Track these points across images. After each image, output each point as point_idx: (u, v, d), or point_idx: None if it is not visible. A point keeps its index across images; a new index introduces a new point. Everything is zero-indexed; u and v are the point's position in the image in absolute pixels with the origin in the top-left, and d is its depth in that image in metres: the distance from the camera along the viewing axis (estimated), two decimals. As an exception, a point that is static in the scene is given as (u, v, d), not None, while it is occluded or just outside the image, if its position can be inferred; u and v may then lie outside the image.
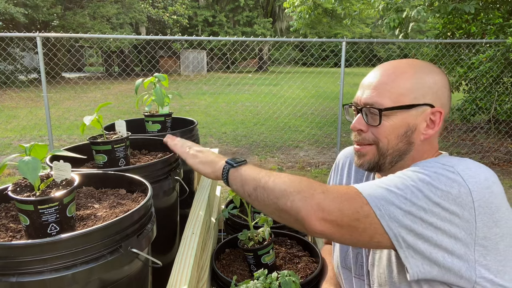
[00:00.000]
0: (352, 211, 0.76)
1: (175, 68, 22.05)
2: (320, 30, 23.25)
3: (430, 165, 0.82)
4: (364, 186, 0.81)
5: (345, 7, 8.93)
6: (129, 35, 15.19)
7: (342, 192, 0.79)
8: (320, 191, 0.78)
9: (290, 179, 0.84)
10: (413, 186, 0.77)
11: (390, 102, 0.91)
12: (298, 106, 9.51)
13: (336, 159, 1.27)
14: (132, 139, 1.33)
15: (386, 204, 0.76)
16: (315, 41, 5.43)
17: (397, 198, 0.77)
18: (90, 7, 18.43)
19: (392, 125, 0.91)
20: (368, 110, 0.93)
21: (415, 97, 0.91)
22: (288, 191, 0.80)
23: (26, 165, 0.75)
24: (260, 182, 0.86)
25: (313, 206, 0.76)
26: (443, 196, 0.75)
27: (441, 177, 0.78)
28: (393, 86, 0.92)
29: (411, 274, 0.77)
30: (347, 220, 0.76)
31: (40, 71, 4.61)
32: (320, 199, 0.77)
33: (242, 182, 0.91)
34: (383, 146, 0.94)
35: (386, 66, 0.97)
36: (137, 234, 0.82)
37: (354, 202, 0.77)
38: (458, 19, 6.77)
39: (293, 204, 0.78)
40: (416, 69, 0.94)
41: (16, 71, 15.99)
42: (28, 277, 0.66)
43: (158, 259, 0.89)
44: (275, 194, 0.82)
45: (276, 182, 0.84)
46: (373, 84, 0.94)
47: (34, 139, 6.88)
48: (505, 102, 6.42)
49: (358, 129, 0.97)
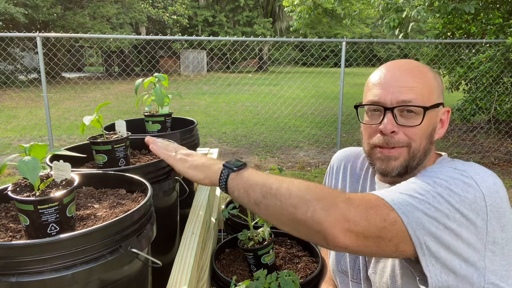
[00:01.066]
0: (379, 220, 0.70)
1: (175, 68, 22.04)
2: (320, 30, 23.24)
3: (444, 170, 0.81)
4: (384, 193, 0.76)
5: (345, 7, 8.93)
6: (129, 35, 15.20)
7: (366, 200, 0.74)
8: (342, 199, 0.71)
9: (306, 185, 0.75)
10: (433, 191, 0.75)
11: (427, 101, 0.88)
12: (298, 106, 9.51)
13: (331, 162, 1.23)
14: (132, 139, 1.33)
15: (412, 210, 0.72)
16: (315, 41, 5.43)
17: (420, 203, 0.73)
18: (90, 7, 18.43)
19: (425, 124, 0.89)
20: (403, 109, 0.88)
21: (438, 96, 0.92)
22: (306, 199, 0.71)
23: (26, 165, 0.75)
24: (270, 189, 0.76)
25: (337, 217, 0.69)
26: (460, 201, 0.74)
27: (458, 182, 0.76)
28: (425, 84, 0.89)
29: (431, 283, 0.74)
30: (374, 230, 0.70)
31: (40, 71, 4.61)
32: (345, 208, 0.70)
33: (246, 189, 0.80)
34: (416, 147, 0.90)
35: (403, 64, 0.93)
36: (137, 234, 0.82)
37: (380, 210, 0.72)
38: (458, 19, 6.77)
39: (314, 214, 0.69)
40: (428, 69, 0.94)
41: (16, 71, 15.99)
42: (28, 277, 0.66)
43: (158, 259, 0.89)
44: (291, 202, 0.72)
45: (291, 188, 0.74)
46: (404, 82, 0.89)
47: (34, 139, 6.88)
48: (505, 102, 6.42)
49: (392, 131, 0.89)
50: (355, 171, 1.13)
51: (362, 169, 1.12)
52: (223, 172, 0.85)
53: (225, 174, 0.84)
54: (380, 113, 0.91)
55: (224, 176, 0.84)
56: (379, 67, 0.98)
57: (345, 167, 1.16)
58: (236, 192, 0.82)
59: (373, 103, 0.92)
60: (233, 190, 0.83)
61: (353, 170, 1.14)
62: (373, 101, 0.91)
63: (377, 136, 0.92)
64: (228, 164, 0.86)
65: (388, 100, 0.89)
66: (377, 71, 0.95)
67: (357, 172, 1.13)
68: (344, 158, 1.18)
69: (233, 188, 0.83)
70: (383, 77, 0.92)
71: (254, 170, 0.85)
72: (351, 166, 1.15)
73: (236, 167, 0.84)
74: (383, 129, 0.89)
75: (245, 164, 0.86)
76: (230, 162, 0.87)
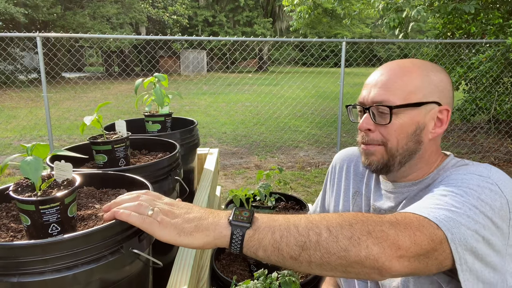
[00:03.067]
0: (427, 241, 0.68)
1: (175, 68, 22.03)
2: (320, 30, 23.25)
3: (469, 178, 0.80)
4: (423, 210, 0.73)
5: (345, 7, 8.92)
6: (129, 35, 15.19)
7: (408, 221, 0.69)
8: (388, 225, 0.67)
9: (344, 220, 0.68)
10: (468, 203, 0.74)
11: (400, 100, 0.89)
12: (298, 106, 9.51)
13: (332, 162, 1.24)
14: (132, 139, 1.33)
15: (456, 226, 0.70)
16: (315, 41, 5.43)
17: (461, 217, 0.71)
18: (90, 7, 18.43)
19: (402, 124, 0.89)
20: (377, 108, 0.91)
21: (424, 95, 0.90)
22: (356, 237, 0.65)
23: (28, 165, 0.75)
24: (309, 237, 0.66)
25: (390, 247, 0.65)
26: (491, 210, 0.74)
27: (486, 190, 0.76)
28: (402, 84, 0.90)
29: None
30: (424, 252, 0.67)
31: (40, 71, 4.61)
32: (394, 236, 0.66)
33: (275, 244, 0.66)
34: (392, 146, 0.91)
35: (392, 65, 0.95)
36: (138, 235, 0.82)
37: (426, 230, 0.69)
38: (458, 19, 6.77)
39: (369, 252, 0.64)
40: (422, 67, 0.93)
41: (16, 71, 15.99)
42: (29, 278, 0.66)
43: (159, 259, 0.89)
44: (340, 246, 0.65)
45: (333, 230, 0.66)
46: (380, 82, 0.92)
47: (34, 139, 6.88)
48: (505, 102, 6.42)
49: (366, 129, 0.93)
50: (358, 170, 1.14)
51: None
52: (236, 233, 0.68)
53: (239, 235, 0.68)
54: (361, 111, 0.97)
55: (238, 238, 0.68)
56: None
57: (348, 166, 1.17)
58: (262, 252, 0.67)
59: (358, 103, 0.98)
60: (254, 250, 0.68)
61: (356, 169, 1.15)
62: (358, 101, 0.97)
63: (360, 134, 0.97)
64: (236, 219, 0.69)
65: (366, 100, 0.93)
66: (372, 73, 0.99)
67: (360, 171, 1.14)
68: (347, 158, 1.18)
69: (254, 248, 0.68)
70: (370, 78, 0.96)
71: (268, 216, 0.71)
72: (354, 165, 1.16)
73: (249, 221, 0.69)
74: (359, 127, 0.95)
75: (253, 211, 0.72)
76: (237, 215, 0.70)
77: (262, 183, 1.85)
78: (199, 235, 0.69)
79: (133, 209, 0.73)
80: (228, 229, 0.69)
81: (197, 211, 0.72)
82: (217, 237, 0.69)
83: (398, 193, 0.98)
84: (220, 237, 0.69)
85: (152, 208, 0.72)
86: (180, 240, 0.69)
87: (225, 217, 0.71)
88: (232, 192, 1.78)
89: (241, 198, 1.76)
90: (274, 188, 2.27)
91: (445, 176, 0.87)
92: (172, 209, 0.73)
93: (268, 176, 1.97)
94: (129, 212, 0.72)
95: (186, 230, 0.69)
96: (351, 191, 1.13)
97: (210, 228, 0.69)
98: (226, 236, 0.68)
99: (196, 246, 0.69)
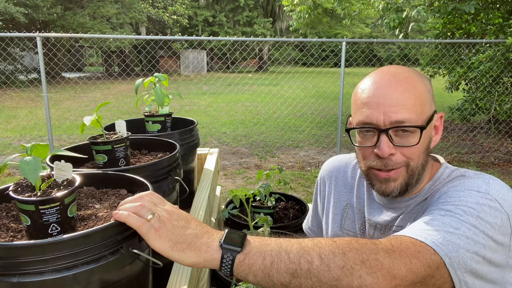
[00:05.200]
0: (424, 268, 0.65)
1: (175, 68, 22.04)
2: (320, 30, 23.26)
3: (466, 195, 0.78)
4: (419, 233, 0.71)
5: (345, 7, 8.93)
6: (129, 35, 15.21)
7: (404, 247, 0.67)
8: (382, 253, 0.65)
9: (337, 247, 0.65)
10: (467, 223, 0.72)
11: (420, 116, 0.83)
12: (298, 106, 9.52)
13: (320, 174, 1.19)
14: (132, 139, 1.33)
15: (455, 249, 0.68)
16: (315, 41, 5.43)
17: (459, 239, 0.69)
18: (90, 7, 18.43)
19: (423, 141, 0.84)
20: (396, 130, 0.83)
21: (430, 105, 0.87)
22: (349, 268, 0.63)
23: (27, 165, 0.75)
24: (299, 264, 0.64)
25: (385, 277, 0.62)
26: (491, 228, 0.73)
27: (485, 208, 0.74)
28: (417, 99, 0.83)
29: None
30: (420, 279, 0.65)
31: (40, 71, 4.61)
32: (389, 265, 0.63)
33: (266, 271, 0.65)
34: (414, 165, 0.86)
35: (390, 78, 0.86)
36: (138, 235, 0.82)
37: (422, 256, 0.66)
38: (458, 19, 6.77)
39: (362, 281, 0.62)
40: (417, 76, 0.88)
41: (16, 71, 15.99)
42: (29, 278, 0.66)
43: (158, 259, 0.89)
44: (332, 275, 0.62)
45: (324, 258, 0.64)
46: (396, 100, 0.83)
47: (34, 139, 6.89)
48: (505, 102, 6.43)
49: (390, 154, 0.84)
50: (347, 181, 1.11)
51: (354, 178, 1.09)
52: (226, 257, 0.66)
53: (229, 259, 0.66)
54: (373, 133, 0.86)
55: (228, 262, 0.66)
56: (365, 79, 0.90)
57: (336, 178, 1.13)
58: (251, 277, 0.66)
59: (365, 124, 0.86)
60: (244, 275, 0.66)
61: (345, 180, 1.11)
62: (365, 122, 0.86)
63: (373, 158, 0.87)
64: (227, 242, 0.68)
65: (381, 121, 0.83)
66: (364, 85, 0.88)
67: (349, 182, 1.10)
68: (334, 170, 1.14)
69: (244, 273, 0.66)
70: (372, 94, 0.85)
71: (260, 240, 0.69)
72: (342, 176, 1.12)
73: (240, 245, 0.67)
74: (380, 154, 0.84)
75: (245, 235, 0.70)
76: (228, 239, 0.68)
77: (262, 183, 1.85)
78: (191, 254, 0.67)
79: (134, 210, 0.72)
80: (219, 252, 0.67)
81: (194, 227, 0.71)
82: (208, 259, 0.67)
83: (396, 208, 0.95)
84: (211, 259, 0.67)
85: (152, 213, 0.71)
86: (171, 254, 0.68)
87: (217, 239, 0.69)
88: (232, 192, 1.78)
89: (241, 198, 1.76)
90: (274, 188, 2.27)
91: (442, 192, 0.84)
92: (171, 218, 0.71)
93: (268, 176, 1.97)
94: (127, 213, 0.71)
95: (179, 246, 0.68)
96: (342, 204, 1.10)
97: (202, 249, 0.68)
98: (216, 259, 0.67)
99: (186, 264, 0.68)
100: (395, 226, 0.94)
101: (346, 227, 1.08)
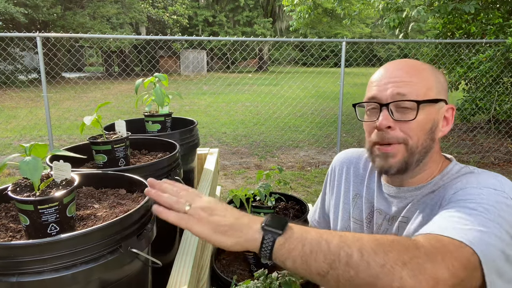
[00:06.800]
0: (463, 269, 0.64)
1: (175, 68, 22.04)
2: (320, 30, 23.27)
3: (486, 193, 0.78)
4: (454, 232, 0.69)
5: (345, 7, 8.92)
6: (129, 35, 15.21)
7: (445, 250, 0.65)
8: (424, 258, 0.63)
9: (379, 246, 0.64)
10: (492, 221, 0.72)
11: (422, 95, 0.88)
12: (298, 106, 9.52)
13: (332, 164, 1.22)
14: (132, 139, 1.33)
15: (488, 248, 0.68)
16: (315, 41, 5.43)
17: (490, 238, 0.69)
18: (90, 7, 18.44)
19: (422, 120, 0.88)
20: (397, 104, 0.88)
21: (438, 92, 0.91)
22: (389, 266, 0.61)
23: (27, 165, 0.75)
24: (339, 256, 0.63)
25: (428, 280, 0.60)
26: (510, 227, 0.73)
27: (503, 206, 0.75)
28: (421, 80, 0.89)
29: None
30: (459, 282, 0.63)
31: (40, 71, 4.61)
32: (432, 269, 0.61)
33: (305, 258, 0.64)
34: (413, 144, 0.89)
35: (401, 63, 0.94)
36: (137, 234, 0.82)
37: (461, 256, 0.65)
38: (458, 19, 6.77)
39: (402, 282, 0.60)
40: (429, 66, 0.94)
41: (16, 71, 15.99)
42: (28, 277, 0.66)
43: (158, 259, 0.89)
44: (370, 272, 0.61)
45: (365, 254, 0.62)
46: (399, 77, 0.89)
47: (34, 139, 6.89)
48: (505, 102, 6.42)
49: (386, 126, 0.88)
50: (358, 172, 1.13)
51: (365, 170, 1.12)
52: (266, 239, 0.66)
53: (270, 241, 0.66)
54: (377, 109, 0.91)
55: (268, 244, 0.66)
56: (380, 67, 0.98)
57: (348, 168, 1.15)
58: (290, 262, 0.65)
59: (369, 100, 0.93)
60: (283, 259, 0.66)
61: (356, 172, 1.14)
62: (370, 97, 0.93)
63: (374, 133, 0.92)
64: (268, 225, 0.68)
65: (384, 96, 0.90)
66: (378, 71, 0.96)
67: (360, 173, 1.12)
68: (347, 160, 1.17)
69: (283, 257, 0.66)
70: (381, 75, 0.93)
71: (301, 228, 0.69)
72: (354, 167, 1.14)
73: (282, 229, 0.67)
74: (378, 125, 0.89)
75: (287, 221, 0.69)
76: (270, 221, 0.68)
77: (262, 183, 1.85)
78: (233, 234, 0.68)
79: (170, 204, 0.72)
80: (260, 233, 0.67)
81: (233, 212, 0.72)
82: (248, 239, 0.67)
83: (402, 197, 0.97)
84: (252, 240, 0.67)
85: (189, 204, 0.72)
86: (214, 237, 0.69)
87: (259, 222, 0.69)
88: (232, 192, 1.78)
89: (241, 198, 1.76)
90: (274, 188, 2.27)
91: (458, 188, 0.84)
92: (210, 206, 0.72)
93: (268, 176, 1.97)
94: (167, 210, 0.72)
95: (221, 229, 0.69)
96: (351, 193, 1.12)
97: (244, 230, 0.68)
98: (257, 240, 0.67)
99: (228, 245, 0.68)
100: (401, 217, 0.96)
101: (354, 216, 1.10)
